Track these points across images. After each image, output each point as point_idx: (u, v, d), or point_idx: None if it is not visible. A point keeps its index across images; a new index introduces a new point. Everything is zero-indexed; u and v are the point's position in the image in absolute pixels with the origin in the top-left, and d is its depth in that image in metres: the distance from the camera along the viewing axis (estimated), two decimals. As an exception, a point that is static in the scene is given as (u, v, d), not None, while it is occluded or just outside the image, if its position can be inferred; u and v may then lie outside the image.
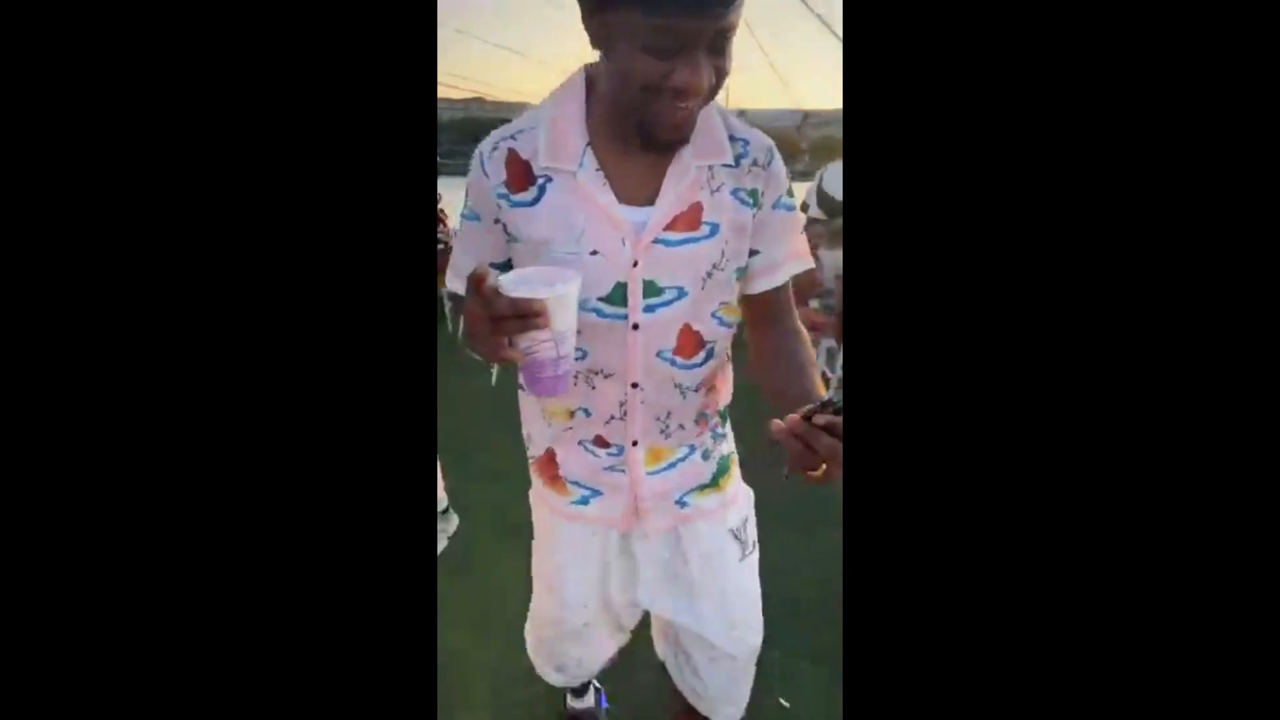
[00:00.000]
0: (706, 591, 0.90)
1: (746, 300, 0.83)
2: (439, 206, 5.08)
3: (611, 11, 0.62)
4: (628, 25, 0.62)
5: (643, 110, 0.66)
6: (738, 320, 0.84)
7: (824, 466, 0.62)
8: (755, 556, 0.95)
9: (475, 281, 0.60)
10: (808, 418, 0.61)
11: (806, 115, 7.11)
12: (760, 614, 0.96)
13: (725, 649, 0.92)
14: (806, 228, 3.68)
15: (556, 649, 1.02)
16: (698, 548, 0.90)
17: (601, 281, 0.73)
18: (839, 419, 0.60)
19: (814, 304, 3.96)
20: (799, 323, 0.85)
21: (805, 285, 3.83)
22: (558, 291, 0.61)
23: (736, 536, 0.92)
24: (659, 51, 0.62)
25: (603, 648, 1.03)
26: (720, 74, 0.65)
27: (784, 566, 2.00)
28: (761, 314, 0.84)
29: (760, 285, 0.82)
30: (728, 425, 0.94)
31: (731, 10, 0.61)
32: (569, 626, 0.97)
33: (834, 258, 3.16)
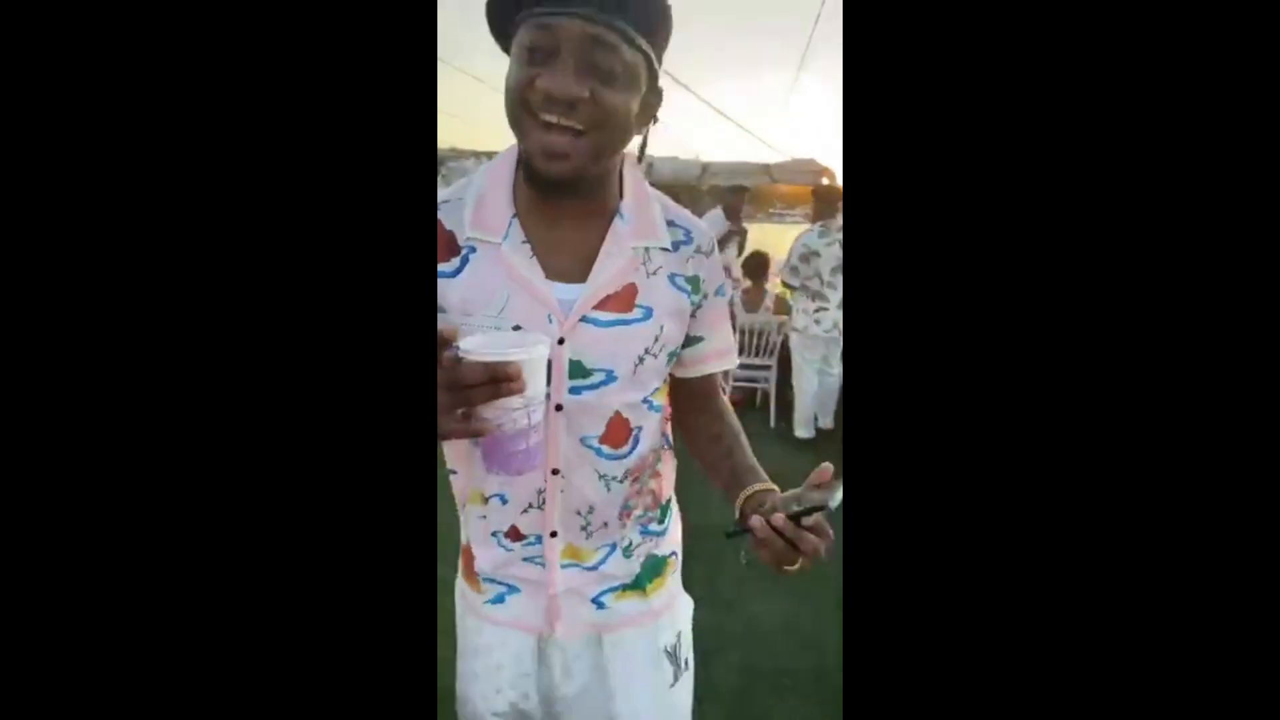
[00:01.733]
0: (627, 707, 0.79)
1: (680, 384, 0.80)
2: None
3: (509, 23, 0.62)
4: (516, 43, 0.61)
5: (524, 137, 0.62)
6: (665, 399, 0.80)
7: (799, 561, 0.60)
8: (689, 680, 0.85)
9: (440, 343, 0.54)
10: (795, 518, 0.59)
11: (706, 165, 7.44)
12: None
13: None
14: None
15: None
16: (621, 662, 0.79)
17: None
18: (823, 521, 0.59)
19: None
20: (724, 400, 0.84)
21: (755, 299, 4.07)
22: (533, 353, 0.55)
23: (669, 655, 0.81)
24: (532, 55, 0.60)
25: None
26: (601, 102, 0.60)
27: (778, 634, 1.98)
28: (694, 397, 0.81)
29: (701, 370, 0.79)
30: (669, 523, 0.85)
31: (600, 22, 0.59)
32: None
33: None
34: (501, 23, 0.64)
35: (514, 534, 0.76)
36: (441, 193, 0.72)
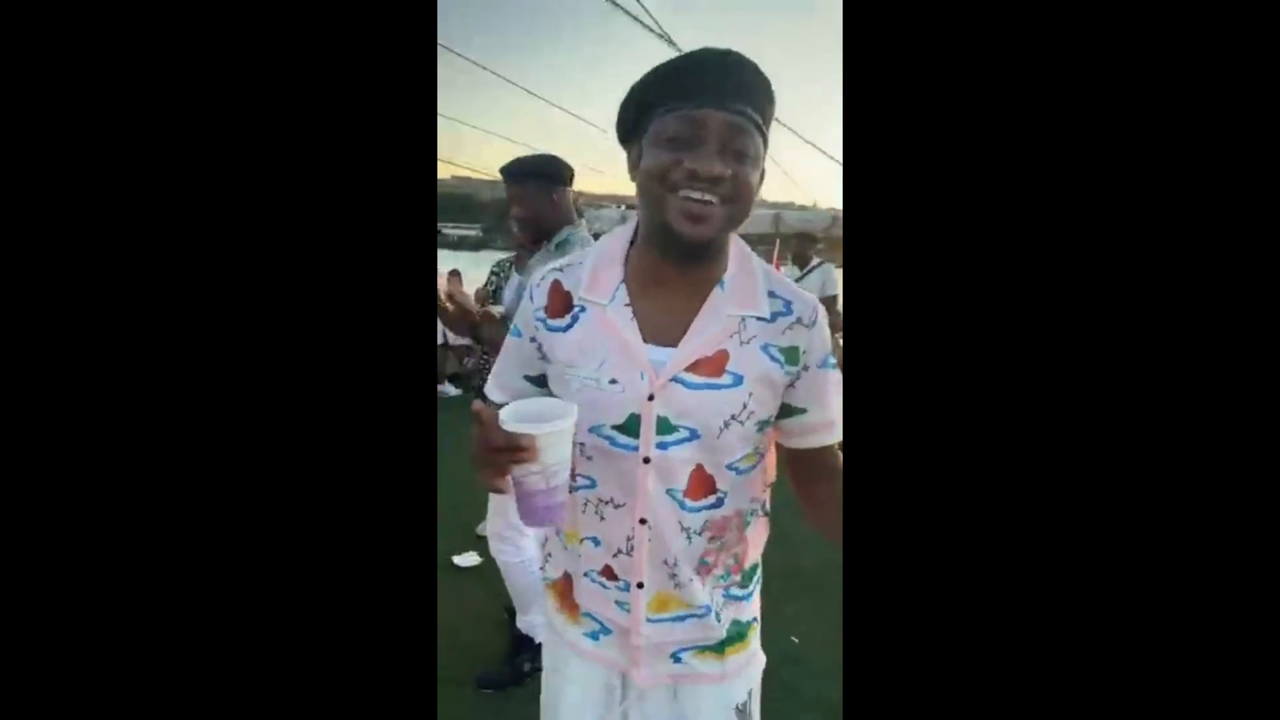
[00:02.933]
0: None
1: (792, 454, 0.82)
2: (455, 272, 5.78)
3: (642, 128, 0.70)
4: (652, 133, 0.68)
5: (662, 210, 0.68)
6: (759, 464, 0.82)
7: None
8: None
9: (475, 413, 0.64)
10: None
11: (836, 216, 7.75)
12: None
13: None
14: None
15: None
16: (694, 715, 0.85)
17: (618, 410, 0.74)
18: None
19: None
20: (838, 469, 0.82)
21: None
22: (546, 429, 0.63)
23: (739, 712, 0.86)
24: (675, 143, 0.66)
25: None
26: (740, 180, 0.67)
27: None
28: (806, 467, 0.82)
29: (807, 442, 0.80)
30: (754, 588, 0.88)
31: (740, 112, 0.66)
32: None
33: None
34: (638, 118, 0.71)
35: (608, 573, 0.81)
36: (565, 258, 0.82)
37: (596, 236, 1.43)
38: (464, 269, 6.03)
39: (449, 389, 5.50)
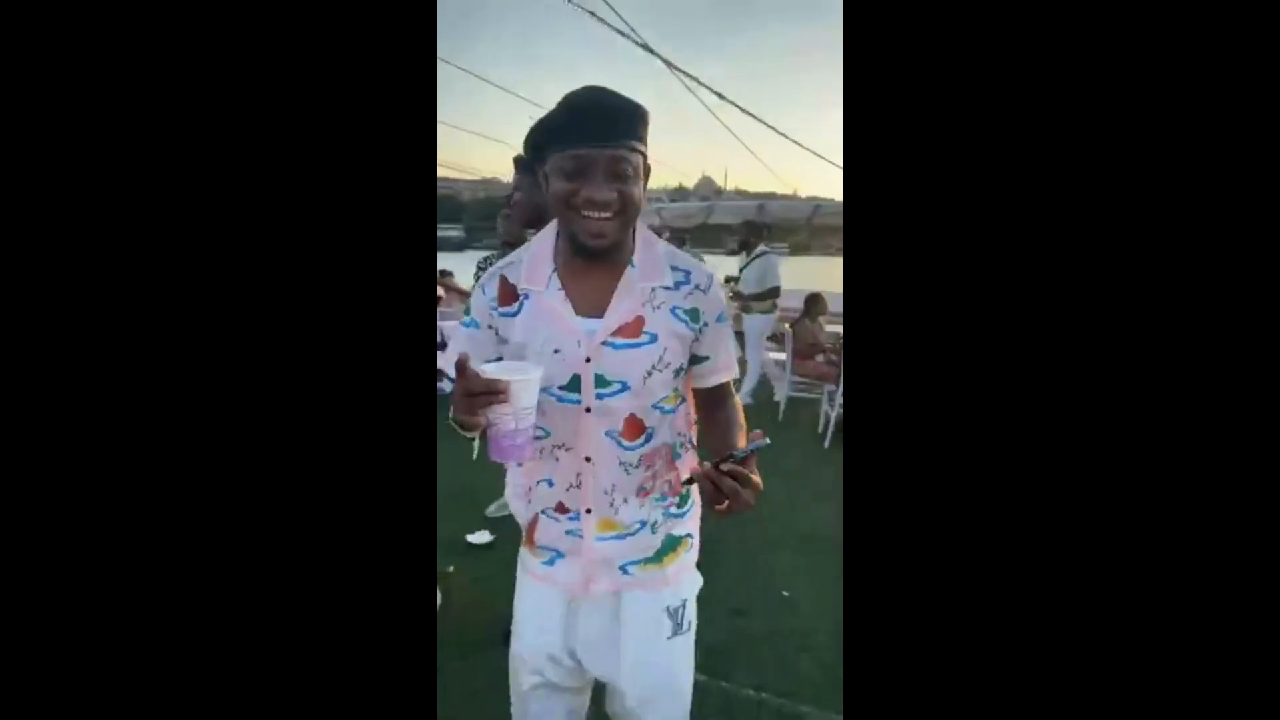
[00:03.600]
0: (631, 657, 1.00)
1: (698, 392, 1.02)
2: (448, 272, 5.97)
3: (545, 158, 0.87)
4: (553, 164, 0.85)
5: (570, 224, 0.87)
6: (678, 405, 0.99)
7: (725, 503, 0.81)
8: (688, 639, 1.04)
9: (458, 365, 0.78)
10: (716, 465, 0.80)
11: (818, 205, 7.98)
12: (683, 693, 1.05)
13: (631, 703, 1.02)
14: (732, 299, 4.76)
15: (519, 710, 1.10)
16: (632, 614, 1.00)
17: (562, 373, 0.92)
18: (741, 468, 0.79)
19: (819, 359, 4.59)
20: (734, 403, 1.03)
21: (809, 343, 4.54)
22: (516, 377, 0.78)
23: (670, 614, 1.01)
24: (569, 175, 0.83)
25: (555, 711, 1.08)
26: (625, 196, 0.84)
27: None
28: (708, 402, 1.03)
29: (709, 381, 1.00)
30: (688, 509, 1.05)
31: (617, 146, 0.82)
32: (524, 684, 1.06)
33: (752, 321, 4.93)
34: (538, 153, 0.89)
35: (560, 508, 1.00)
36: (506, 258, 0.99)
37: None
38: (446, 269, 6.20)
39: (446, 385, 5.63)
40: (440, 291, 5.45)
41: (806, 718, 1.72)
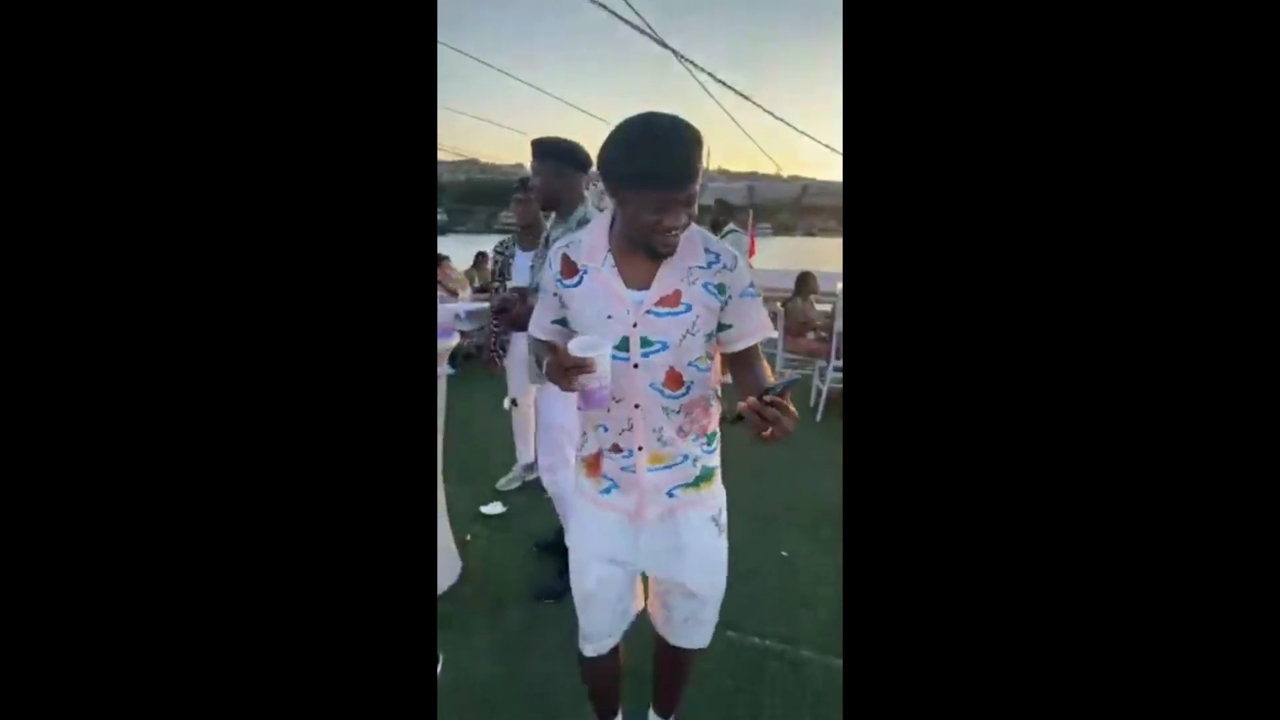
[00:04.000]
0: (691, 551, 1.26)
1: (728, 356, 1.22)
2: (445, 257, 6.06)
3: (625, 193, 1.05)
4: (637, 198, 1.04)
5: (648, 239, 1.08)
6: (710, 365, 1.20)
7: (770, 429, 0.96)
8: (725, 538, 1.32)
9: (554, 348, 1.09)
10: (760, 398, 0.97)
11: (806, 185, 8.10)
12: (725, 571, 1.32)
13: (698, 592, 1.30)
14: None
15: (582, 607, 1.35)
16: (690, 526, 1.26)
17: (614, 336, 1.13)
18: (782, 399, 0.96)
19: (810, 335, 4.73)
20: (762, 364, 1.21)
21: (800, 320, 4.67)
22: (601, 354, 1.05)
23: (714, 520, 1.28)
24: (655, 209, 1.03)
25: (613, 606, 1.34)
26: (690, 217, 1.07)
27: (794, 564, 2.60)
28: (738, 362, 1.23)
29: (736, 346, 1.20)
30: (715, 446, 1.29)
31: (690, 191, 1.03)
32: (584, 588, 1.31)
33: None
34: (618, 181, 1.05)
35: (615, 448, 1.23)
36: (569, 237, 1.21)
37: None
38: (444, 253, 6.29)
39: (446, 368, 5.73)
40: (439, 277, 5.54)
41: (806, 662, 1.87)
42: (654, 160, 1.00)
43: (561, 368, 1.05)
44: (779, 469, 3.26)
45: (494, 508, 2.82)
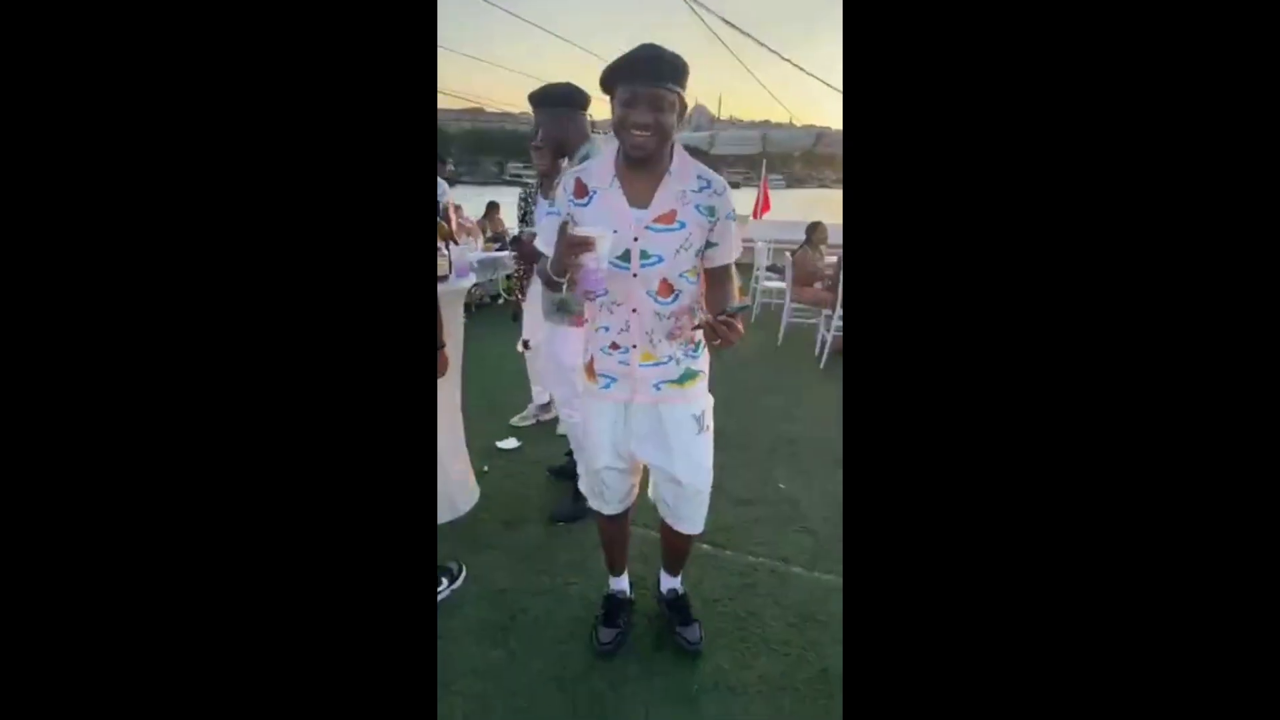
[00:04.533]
0: (673, 445, 1.47)
1: (707, 272, 1.42)
2: (454, 204, 6.17)
3: (611, 99, 1.26)
4: (614, 99, 1.25)
5: (621, 140, 1.27)
6: (697, 280, 1.41)
7: (719, 341, 1.22)
8: (709, 436, 1.52)
9: (562, 227, 1.28)
10: (716, 317, 1.22)
11: (821, 134, 7.94)
12: (709, 466, 1.52)
13: (685, 482, 1.50)
14: None
15: (594, 482, 1.63)
16: (671, 418, 1.46)
17: (618, 247, 1.32)
18: (733, 319, 1.20)
19: (818, 285, 4.79)
20: (733, 282, 1.42)
21: (810, 269, 4.74)
22: (599, 234, 1.23)
23: (695, 419, 1.48)
24: (623, 105, 1.23)
25: (619, 484, 1.61)
26: (659, 122, 1.23)
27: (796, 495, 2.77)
28: (713, 278, 1.42)
29: (715, 263, 1.40)
30: (699, 354, 1.49)
31: (656, 88, 1.20)
32: (597, 465, 1.57)
33: None
34: (607, 87, 1.26)
35: (613, 346, 1.44)
36: (581, 165, 1.42)
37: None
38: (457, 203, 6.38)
39: (453, 279, 5.88)
40: (455, 224, 5.64)
41: (795, 577, 2.05)
42: (626, 60, 1.21)
43: (567, 244, 1.23)
44: (782, 409, 3.41)
45: (509, 443, 3.00)
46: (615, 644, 1.70)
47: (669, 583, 1.81)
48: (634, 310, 1.39)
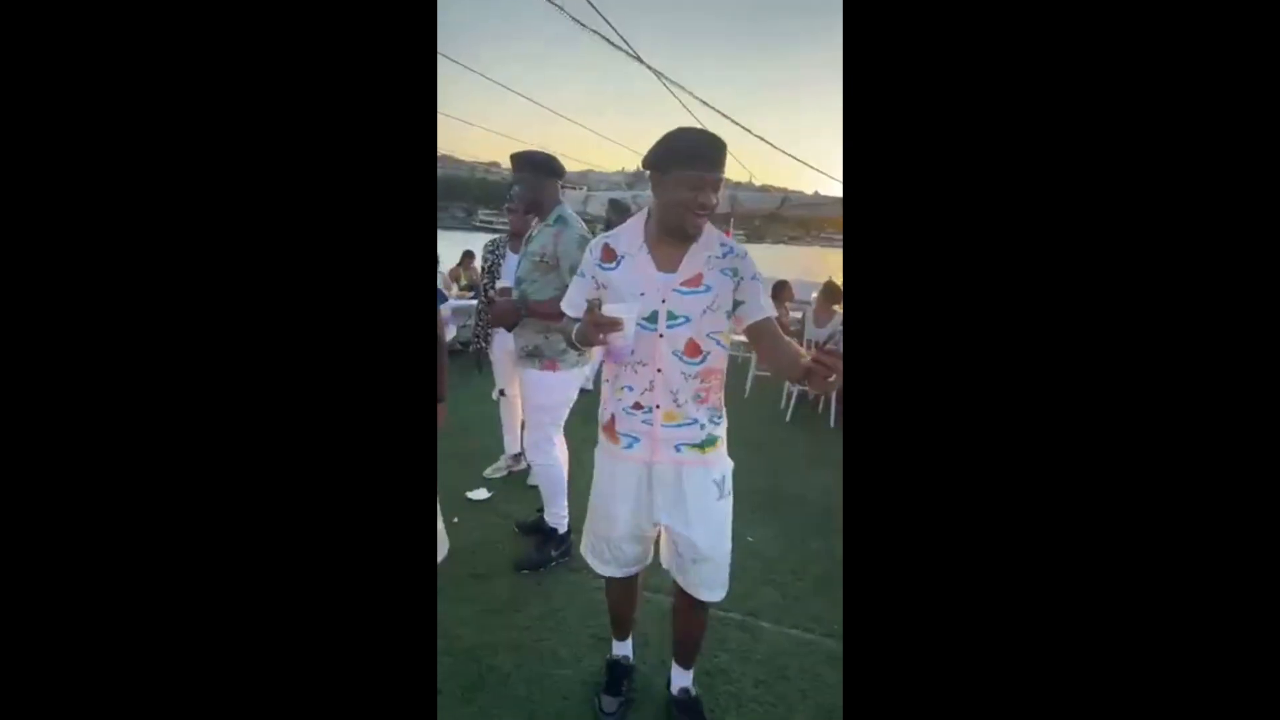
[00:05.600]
0: (694, 511, 1.47)
1: (748, 330, 1.45)
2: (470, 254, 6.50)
3: (668, 174, 1.33)
4: (677, 179, 1.32)
5: (681, 218, 1.35)
6: (726, 345, 1.45)
7: (831, 379, 1.19)
8: (729, 501, 1.52)
9: (590, 310, 1.33)
10: (817, 349, 1.23)
11: (785, 197, 8.37)
12: (729, 533, 1.52)
13: (705, 551, 1.49)
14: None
15: (603, 548, 1.60)
16: (691, 485, 1.46)
17: (646, 309, 1.38)
18: (831, 352, 1.19)
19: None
20: (782, 336, 1.46)
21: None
22: (627, 314, 1.31)
23: (716, 484, 1.48)
24: (691, 188, 1.31)
25: (634, 548, 1.58)
26: (715, 202, 1.34)
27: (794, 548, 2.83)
28: (756, 335, 1.46)
29: (749, 319, 1.44)
30: (721, 420, 1.51)
31: (718, 177, 1.32)
32: (614, 533, 1.55)
33: None
34: (664, 167, 1.34)
35: (637, 406, 1.46)
36: (611, 232, 1.49)
37: (580, 212, 2.01)
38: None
39: (451, 328, 5.92)
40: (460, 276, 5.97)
41: (764, 632, 2.08)
42: (695, 144, 1.31)
43: (594, 324, 1.30)
44: (749, 461, 3.47)
45: (479, 493, 2.98)
46: (619, 715, 1.67)
47: (681, 679, 1.70)
48: (659, 370, 1.42)
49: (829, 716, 1.72)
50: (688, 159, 1.30)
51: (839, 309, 5.18)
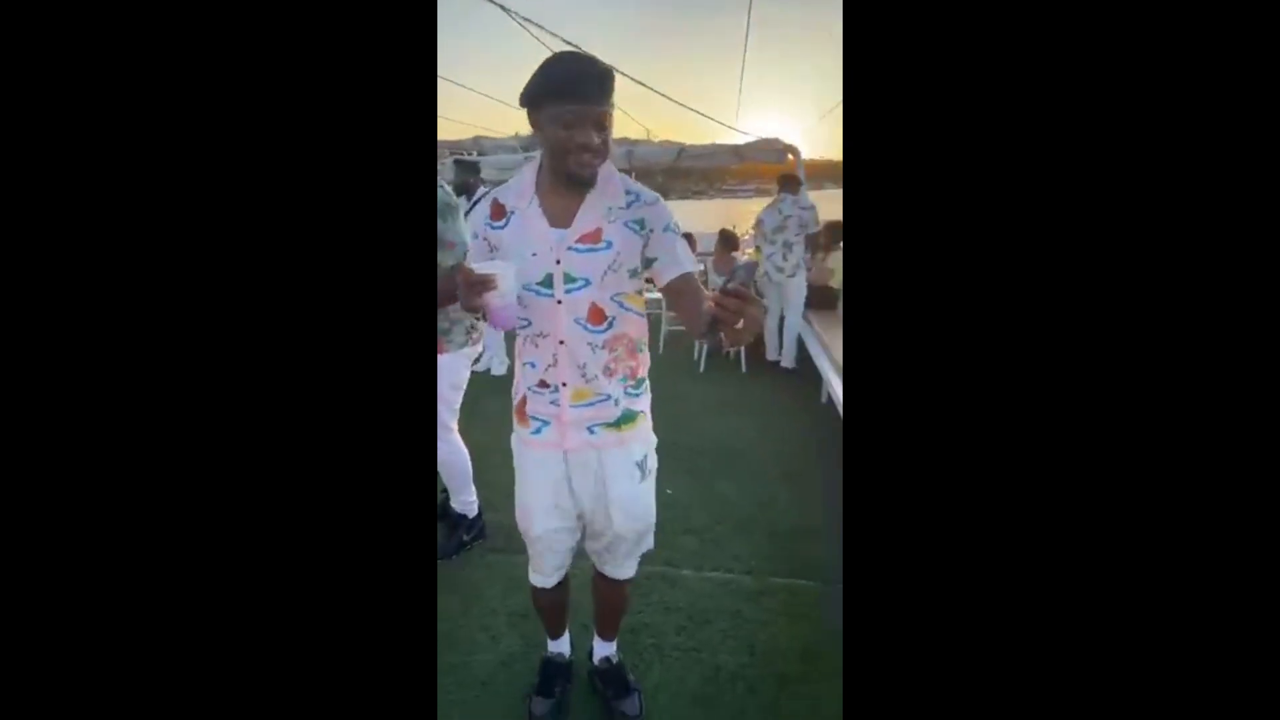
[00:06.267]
0: (614, 498, 1.33)
1: (666, 289, 1.24)
2: None
3: (541, 110, 1.10)
4: (551, 117, 1.09)
5: (564, 162, 1.12)
6: (638, 307, 1.26)
7: (740, 324, 0.93)
8: (651, 482, 1.39)
9: (461, 269, 1.09)
10: (722, 292, 0.94)
11: (682, 149, 8.29)
12: (650, 514, 1.40)
13: (623, 534, 1.37)
14: None
15: (532, 556, 1.46)
16: (611, 466, 1.32)
17: (539, 272, 1.19)
18: (741, 290, 0.92)
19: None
20: (703, 292, 1.22)
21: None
22: (502, 270, 1.10)
23: (638, 465, 1.34)
24: (566, 125, 1.08)
25: (562, 545, 1.42)
26: (604, 142, 1.11)
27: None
28: (676, 294, 1.24)
29: (667, 276, 1.22)
30: (641, 392, 1.34)
31: (601, 107, 1.08)
32: (535, 531, 1.38)
33: None
34: (533, 103, 1.11)
35: (542, 384, 1.27)
36: (500, 187, 1.27)
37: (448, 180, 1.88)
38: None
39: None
40: None
41: (683, 578, 2.10)
42: (564, 72, 1.09)
43: (466, 284, 1.09)
44: (663, 416, 3.48)
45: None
46: (552, 718, 1.57)
47: (603, 649, 1.65)
48: (561, 342, 1.23)
49: (749, 653, 1.76)
50: (561, 90, 1.08)
51: (738, 254, 5.23)
